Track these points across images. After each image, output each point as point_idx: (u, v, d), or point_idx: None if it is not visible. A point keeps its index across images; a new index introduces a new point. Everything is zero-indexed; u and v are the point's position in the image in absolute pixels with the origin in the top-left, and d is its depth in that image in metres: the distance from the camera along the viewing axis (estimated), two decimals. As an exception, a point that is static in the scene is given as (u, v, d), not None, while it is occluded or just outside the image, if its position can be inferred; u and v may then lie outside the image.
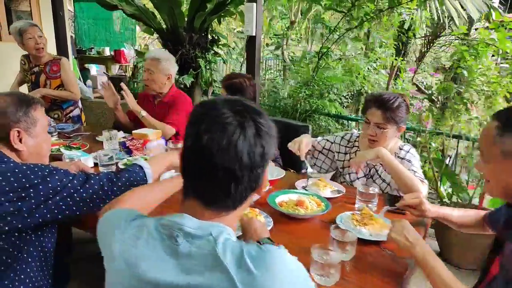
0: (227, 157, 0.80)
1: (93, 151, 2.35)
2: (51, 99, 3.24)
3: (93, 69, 9.16)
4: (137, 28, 9.14)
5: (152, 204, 1.33)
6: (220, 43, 5.02)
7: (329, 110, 3.81)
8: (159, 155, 1.70)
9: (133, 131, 2.31)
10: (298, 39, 7.58)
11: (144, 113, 2.69)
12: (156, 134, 2.31)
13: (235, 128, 0.81)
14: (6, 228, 1.25)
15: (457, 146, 3.42)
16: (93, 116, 5.25)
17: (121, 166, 2.04)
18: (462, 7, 4.75)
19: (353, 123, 4.05)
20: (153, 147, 2.28)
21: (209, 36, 4.86)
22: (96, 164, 2.14)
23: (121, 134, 2.60)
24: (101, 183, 1.42)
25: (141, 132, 2.29)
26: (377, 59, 3.92)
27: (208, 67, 4.72)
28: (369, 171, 2.08)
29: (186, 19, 4.47)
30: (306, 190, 1.88)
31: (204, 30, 4.72)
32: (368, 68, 3.98)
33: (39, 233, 1.38)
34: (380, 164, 2.03)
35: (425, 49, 5.56)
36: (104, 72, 7.99)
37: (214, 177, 0.82)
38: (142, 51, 5.54)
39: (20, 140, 1.40)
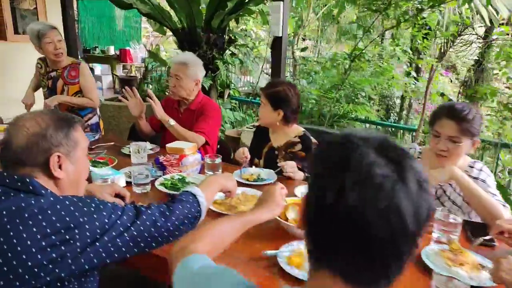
0: (386, 225, 0.58)
1: (122, 166, 2.13)
2: (68, 106, 3.01)
3: (97, 68, 8.91)
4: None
5: (226, 247, 1.12)
6: (237, 43, 4.80)
7: (359, 115, 3.61)
8: (208, 178, 1.49)
9: (167, 145, 2.09)
10: (310, 38, 7.34)
11: (172, 122, 2.47)
12: (192, 148, 2.09)
13: (395, 182, 0.59)
14: (48, 278, 1.03)
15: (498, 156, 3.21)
16: (103, 119, 5.02)
17: (159, 187, 1.82)
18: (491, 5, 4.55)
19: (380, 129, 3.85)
20: (190, 163, 2.07)
21: (226, 36, 4.63)
22: (128, 183, 1.93)
23: (148, 145, 2.38)
24: (154, 218, 1.21)
25: (176, 146, 2.07)
26: (411, 61, 3.70)
27: (225, 68, 4.50)
28: (436, 191, 1.87)
29: (203, 18, 4.23)
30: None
31: (222, 30, 4.50)
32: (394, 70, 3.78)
33: (82, 279, 1.16)
34: (449, 184, 1.81)
35: (445, 48, 5.35)
36: (114, 74, 7.71)
37: (365, 251, 0.60)
38: (154, 51, 5.30)
39: (60, 167, 1.19)
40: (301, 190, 1.85)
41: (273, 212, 1.30)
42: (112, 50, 8.99)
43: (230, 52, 4.65)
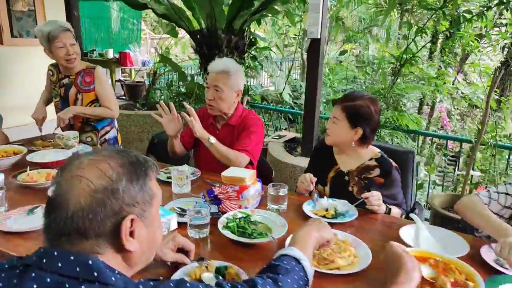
0: None
1: (165, 200, 1.73)
2: (82, 118, 2.60)
3: (96, 73, 8.45)
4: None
5: None
6: (257, 46, 4.42)
7: (402, 124, 3.26)
8: (301, 233, 1.14)
9: (223, 174, 1.70)
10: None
11: (213, 139, 2.09)
12: (252, 177, 1.71)
13: None
14: None
15: None
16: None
17: (224, 231, 1.43)
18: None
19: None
20: (251, 196, 1.68)
21: (247, 39, 4.25)
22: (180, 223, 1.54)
23: (188, 169, 1.97)
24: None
25: (234, 174, 1.67)
26: (463, 65, 3.36)
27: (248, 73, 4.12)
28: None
29: (225, 19, 3.85)
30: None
31: (242, 32, 4.12)
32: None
33: None
34: None
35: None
36: (121, 81, 7.25)
37: None
38: (164, 54, 4.89)
39: (132, 233, 0.81)
40: (409, 232, 1.47)
41: None
42: (111, 53, 8.53)
43: (251, 55, 4.26)
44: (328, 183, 1.96)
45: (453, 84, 3.35)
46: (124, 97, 6.68)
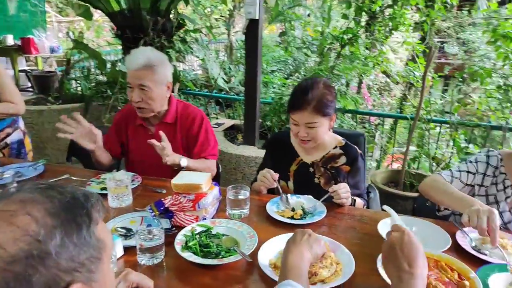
0: None
1: (107, 219, 1.42)
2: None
3: (-8, 62, 7.28)
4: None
5: None
6: (187, 28, 4.06)
7: (345, 106, 3.22)
8: (292, 257, 0.97)
9: (174, 182, 1.41)
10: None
11: (185, 161, 1.79)
12: (208, 181, 1.47)
13: None
14: None
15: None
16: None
17: (184, 254, 1.19)
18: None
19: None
20: (210, 204, 1.45)
21: (174, 20, 3.88)
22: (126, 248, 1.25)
23: (127, 176, 1.65)
24: None
25: (188, 182, 1.41)
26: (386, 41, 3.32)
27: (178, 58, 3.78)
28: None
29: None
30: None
31: (169, 12, 3.74)
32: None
33: None
34: None
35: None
36: (26, 71, 6.28)
37: None
38: (78, 39, 4.29)
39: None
40: (387, 227, 1.36)
41: None
42: (10, 39, 7.39)
43: (180, 38, 3.91)
44: (291, 178, 1.79)
45: (382, 61, 3.38)
46: (31, 90, 5.82)
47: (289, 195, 1.62)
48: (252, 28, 2.97)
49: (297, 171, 1.78)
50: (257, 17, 2.89)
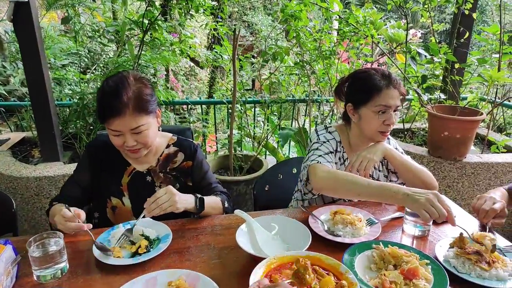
0: None
1: None
2: None
3: None
4: None
5: None
6: None
7: (162, 98, 2.90)
8: None
9: None
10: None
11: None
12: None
13: None
14: None
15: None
16: None
17: None
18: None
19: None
20: (1, 274, 0.96)
21: None
22: None
23: None
24: None
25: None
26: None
27: None
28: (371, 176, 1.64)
29: None
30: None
31: None
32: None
33: None
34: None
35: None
36: None
37: None
38: None
39: None
40: (244, 236, 1.18)
41: None
42: None
43: None
44: (125, 192, 1.43)
45: (190, 47, 3.23)
46: None
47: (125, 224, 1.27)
48: (23, 14, 2.29)
49: (131, 183, 1.44)
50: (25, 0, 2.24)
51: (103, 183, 1.43)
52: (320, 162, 1.42)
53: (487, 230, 1.27)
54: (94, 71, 3.54)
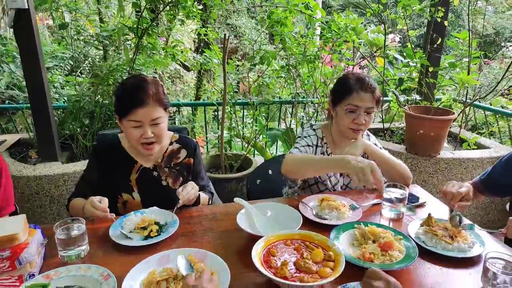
0: None
1: None
2: None
3: None
4: None
5: None
6: None
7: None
8: None
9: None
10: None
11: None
12: (26, 226, 1.10)
13: None
14: None
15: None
16: None
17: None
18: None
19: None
20: (34, 255, 1.10)
21: None
22: None
23: None
24: None
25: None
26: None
27: None
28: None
29: None
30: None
31: None
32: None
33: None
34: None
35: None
36: None
37: None
38: None
39: None
40: (243, 218, 1.35)
41: None
42: None
43: None
44: (134, 188, 1.57)
45: (182, 51, 3.38)
46: None
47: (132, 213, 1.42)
48: (24, 21, 2.40)
49: (140, 179, 1.59)
50: (25, 6, 2.35)
51: (113, 181, 1.56)
52: (292, 153, 1.64)
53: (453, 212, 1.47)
54: (79, 74, 3.64)
